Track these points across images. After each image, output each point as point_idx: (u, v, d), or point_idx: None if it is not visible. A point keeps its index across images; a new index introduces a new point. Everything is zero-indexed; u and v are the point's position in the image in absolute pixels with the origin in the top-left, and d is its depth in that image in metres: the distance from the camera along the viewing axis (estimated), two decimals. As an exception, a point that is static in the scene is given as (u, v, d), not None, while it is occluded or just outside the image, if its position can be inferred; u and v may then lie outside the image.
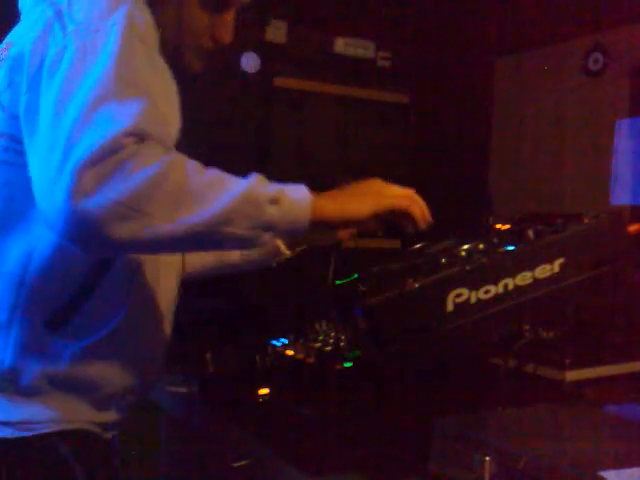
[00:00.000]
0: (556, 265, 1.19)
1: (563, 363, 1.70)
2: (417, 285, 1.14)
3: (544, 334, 1.55)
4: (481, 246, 1.22)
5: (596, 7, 2.97)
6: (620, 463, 1.11)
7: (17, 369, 1.17)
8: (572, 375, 1.70)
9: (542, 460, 1.13)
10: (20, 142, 1.12)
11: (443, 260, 1.18)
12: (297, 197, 1.10)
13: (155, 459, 1.97)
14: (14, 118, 1.13)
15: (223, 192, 1.03)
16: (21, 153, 1.11)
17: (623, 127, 3.05)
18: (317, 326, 1.81)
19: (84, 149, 0.96)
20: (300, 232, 1.11)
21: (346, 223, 1.21)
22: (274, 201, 1.07)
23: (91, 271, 1.17)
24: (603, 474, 1.07)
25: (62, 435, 1.20)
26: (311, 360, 1.64)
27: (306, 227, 1.10)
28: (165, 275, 1.32)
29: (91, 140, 0.97)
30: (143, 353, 1.29)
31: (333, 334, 1.75)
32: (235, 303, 2.16)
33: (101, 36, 1.06)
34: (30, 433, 1.18)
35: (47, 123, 1.03)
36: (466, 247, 1.22)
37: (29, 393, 1.18)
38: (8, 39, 1.24)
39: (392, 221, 1.23)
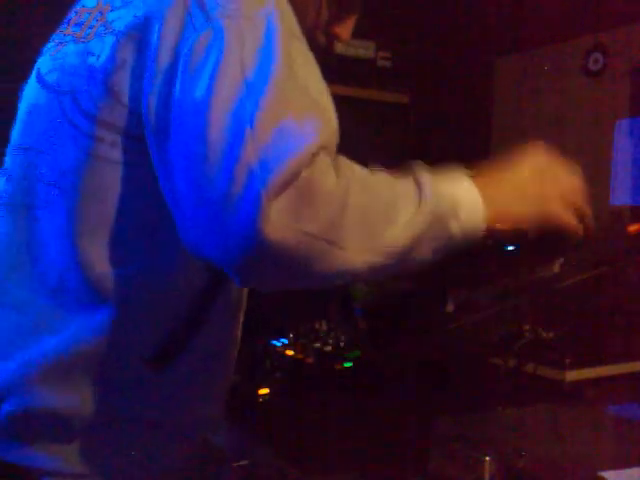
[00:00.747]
0: (556, 265, 1.19)
1: (563, 363, 1.70)
2: (417, 285, 1.14)
3: (544, 334, 1.55)
4: (480, 246, 1.22)
5: (596, 7, 2.97)
6: (620, 463, 1.11)
7: (109, 411, 0.98)
8: (572, 375, 1.70)
9: (542, 460, 1.13)
10: (134, 139, 0.93)
11: (443, 260, 1.18)
12: (472, 203, 0.94)
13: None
14: (128, 109, 0.93)
15: (415, 211, 0.89)
16: (133, 151, 0.93)
17: (623, 127, 3.05)
18: (317, 326, 1.81)
19: (267, 172, 0.79)
20: (467, 246, 0.95)
21: (512, 235, 1.00)
22: (455, 214, 0.92)
23: (204, 294, 0.99)
24: (603, 474, 1.07)
25: None
26: (311, 360, 1.64)
27: (478, 240, 0.95)
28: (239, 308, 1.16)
29: (274, 163, 0.80)
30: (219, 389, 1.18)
31: (333, 334, 1.75)
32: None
33: (256, 27, 0.87)
34: None
35: (196, 127, 0.83)
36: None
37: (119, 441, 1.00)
38: None
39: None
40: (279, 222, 0.79)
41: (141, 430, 1.00)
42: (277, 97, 0.84)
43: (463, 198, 0.93)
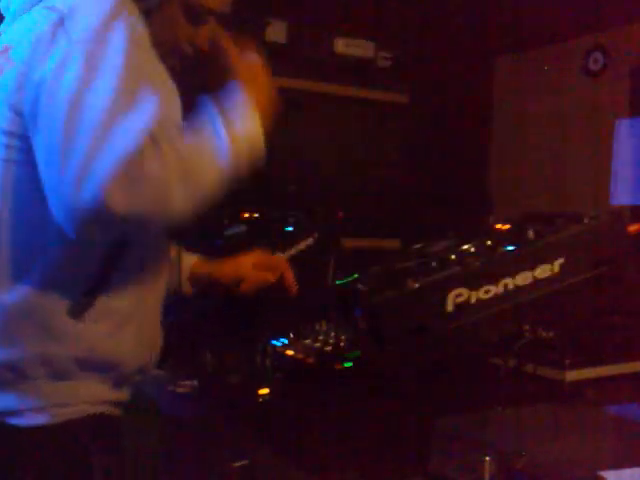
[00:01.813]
0: (556, 265, 1.19)
1: (563, 363, 1.70)
2: (417, 285, 1.14)
3: (544, 334, 1.55)
4: (481, 246, 1.22)
5: (596, 7, 2.97)
6: (620, 463, 1.11)
7: (48, 355, 1.25)
8: (572, 375, 1.70)
9: (542, 460, 1.13)
10: (21, 138, 1.20)
11: (443, 260, 1.18)
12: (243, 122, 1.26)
13: (155, 459, 1.97)
14: (18, 115, 1.20)
15: (217, 165, 1.19)
16: (22, 150, 1.21)
17: (623, 127, 3.06)
18: (317, 326, 1.81)
19: (106, 165, 1.07)
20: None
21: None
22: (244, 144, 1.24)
23: (105, 262, 1.26)
24: (603, 474, 1.07)
25: (85, 421, 1.29)
26: (311, 360, 1.64)
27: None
28: (164, 266, 1.44)
29: (112, 156, 1.07)
30: (150, 334, 1.40)
31: (333, 334, 1.75)
32: (235, 303, 2.16)
33: (106, 47, 1.15)
34: (62, 419, 1.26)
35: (57, 131, 1.11)
36: (466, 247, 1.22)
37: (60, 377, 1.26)
38: (6, 41, 1.30)
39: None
40: (123, 201, 1.07)
41: (76, 371, 1.27)
42: (115, 105, 1.10)
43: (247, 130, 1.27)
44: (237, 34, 1.39)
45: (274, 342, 1.78)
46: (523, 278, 1.17)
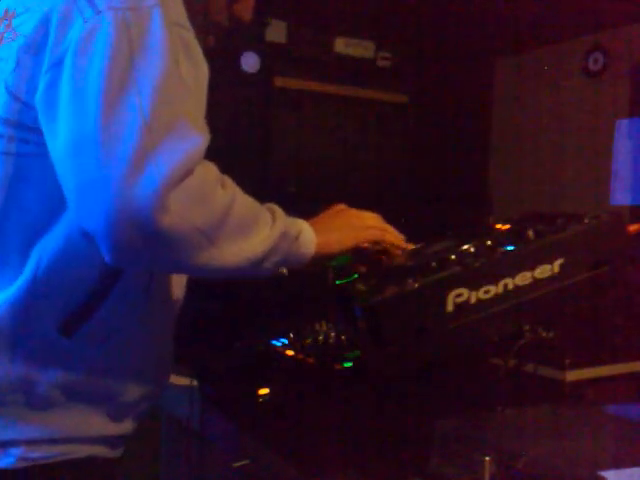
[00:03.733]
0: (556, 265, 1.19)
1: (563, 363, 1.70)
2: (417, 285, 1.13)
3: (544, 334, 1.55)
4: (481, 246, 1.22)
5: (596, 7, 2.97)
6: (620, 463, 1.11)
7: (29, 379, 1.05)
8: (572, 375, 1.70)
9: (542, 460, 1.13)
10: (29, 130, 1.02)
11: (443, 260, 1.18)
12: (308, 232, 1.15)
13: (155, 459, 1.97)
14: (22, 103, 1.02)
15: (271, 228, 1.07)
16: (30, 142, 1.03)
17: (623, 127, 3.05)
18: (317, 326, 1.81)
19: (165, 165, 0.90)
20: (300, 265, 1.16)
21: (330, 257, 1.23)
22: (297, 238, 1.12)
23: (104, 274, 1.08)
24: (603, 474, 1.07)
25: (63, 469, 1.09)
26: (311, 360, 1.64)
27: (306, 262, 1.16)
28: (176, 281, 1.27)
29: (171, 157, 0.91)
30: (157, 358, 1.22)
31: (333, 334, 1.75)
32: (235, 303, 2.16)
33: (142, 18, 0.94)
34: (32, 462, 1.06)
35: (88, 114, 0.92)
36: (466, 247, 1.22)
37: (41, 406, 1.07)
38: (7, 4, 1.11)
39: (365, 251, 1.28)
40: (176, 212, 0.90)
41: (60, 399, 1.08)
42: (167, 93, 0.93)
43: (303, 227, 1.15)
44: (237, 34, 1.35)
45: (274, 342, 1.78)
46: (523, 278, 1.17)
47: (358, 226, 1.26)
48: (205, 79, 1.04)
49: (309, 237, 1.15)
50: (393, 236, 1.30)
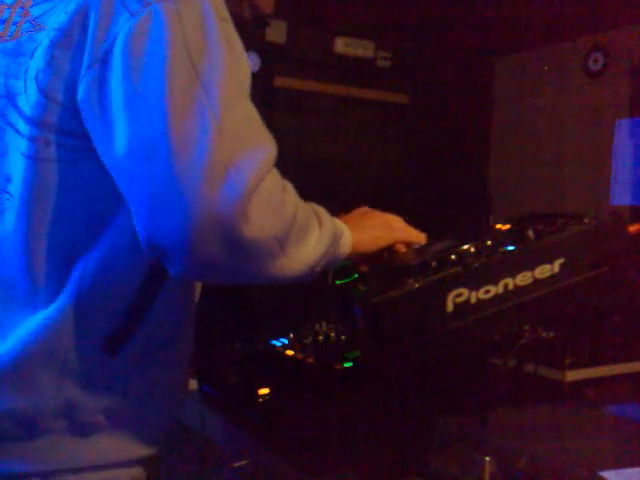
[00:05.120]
0: (556, 265, 1.19)
1: (563, 363, 1.70)
2: (417, 285, 1.13)
3: (544, 334, 1.55)
4: (481, 246, 1.22)
5: (596, 7, 2.97)
6: (620, 463, 1.11)
7: (73, 404, 0.99)
8: (572, 375, 1.70)
9: (542, 460, 1.13)
10: (67, 134, 0.94)
11: (443, 260, 1.18)
12: (347, 232, 1.14)
13: (155, 459, 1.96)
14: (61, 105, 0.93)
15: (321, 231, 1.03)
16: (68, 147, 0.94)
17: (623, 127, 3.05)
18: (317, 326, 1.81)
19: (244, 173, 0.85)
20: (335, 265, 1.15)
21: (362, 256, 1.22)
22: (341, 237, 1.11)
23: (143, 288, 1.01)
24: (603, 474, 1.07)
25: None
26: (311, 360, 1.64)
27: (341, 261, 1.14)
28: (197, 290, 1.23)
29: (249, 165, 0.86)
30: (187, 372, 1.18)
31: (333, 334, 1.75)
32: (235, 303, 2.16)
33: (193, 10, 0.88)
34: None
35: (153, 121, 0.85)
36: (466, 247, 1.22)
37: (85, 432, 1.00)
38: None
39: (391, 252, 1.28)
40: (256, 222, 0.86)
41: (104, 423, 1.02)
42: (232, 94, 0.88)
43: (343, 227, 1.12)
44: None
45: (274, 342, 1.78)
46: (523, 278, 1.17)
47: (388, 226, 1.26)
48: (248, 74, 0.96)
49: (348, 236, 1.14)
50: (416, 235, 1.31)
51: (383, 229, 1.25)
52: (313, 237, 1.00)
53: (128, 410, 1.04)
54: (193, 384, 1.76)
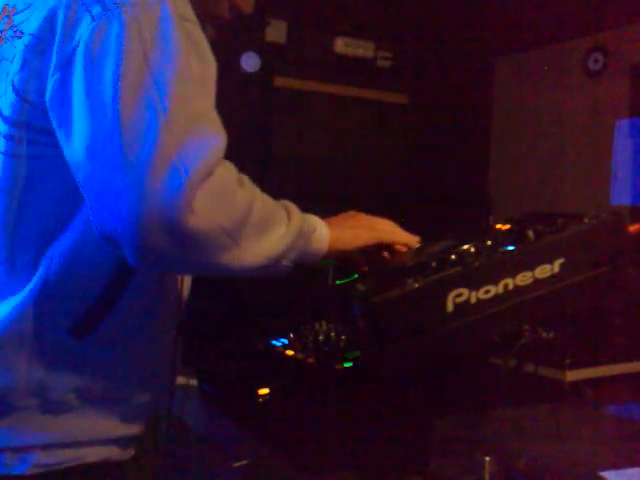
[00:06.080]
0: (556, 265, 1.19)
1: (563, 363, 1.70)
2: (417, 285, 1.13)
3: (544, 334, 1.55)
4: (480, 246, 1.22)
5: (596, 7, 2.97)
6: (620, 463, 1.11)
7: (43, 383, 1.04)
8: (572, 375, 1.70)
9: (542, 460, 1.13)
10: (38, 131, 1.00)
11: (443, 260, 1.18)
12: (323, 229, 1.15)
13: (155, 459, 1.96)
14: (31, 103, 1.00)
15: (288, 226, 1.05)
16: (39, 144, 1.01)
17: (623, 127, 3.06)
18: (317, 326, 1.81)
19: (189, 165, 0.89)
20: (314, 261, 1.15)
21: (340, 253, 1.22)
22: (312, 234, 1.11)
23: (117, 273, 1.05)
24: (603, 474, 1.07)
25: (80, 473, 1.07)
26: (311, 360, 1.64)
27: (320, 258, 1.15)
28: (184, 283, 1.25)
29: (194, 156, 0.90)
30: (168, 356, 1.20)
31: (333, 334, 1.75)
32: (234, 303, 2.16)
33: (152, 14, 0.94)
34: (48, 468, 1.05)
35: (105, 115, 0.90)
36: (466, 247, 1.22)
37: (55, 410, 1.05)
38: (8, 1, 1.09)
39: (374, 252, 1.28)
40: (201, 213, 0.89)
41: (75, 403, 1.07)
42: (184, 90, 0.92)
43: (317, 223, 1.14)
44: (237, 34, 1.34)
45: (274, 342, 1.78)
46: (523, 278, 1.17)
47: (370, 226, 1.26)
48: (213, 74, 1.01)
49: (323, 233, 1.14)
50: (405, 237, 1.30)
51: (365, 229, 1.25)
52: (276, 230, 1.03)
53: (101, 391, 1.08)
54: (193, 383, 1.76)
